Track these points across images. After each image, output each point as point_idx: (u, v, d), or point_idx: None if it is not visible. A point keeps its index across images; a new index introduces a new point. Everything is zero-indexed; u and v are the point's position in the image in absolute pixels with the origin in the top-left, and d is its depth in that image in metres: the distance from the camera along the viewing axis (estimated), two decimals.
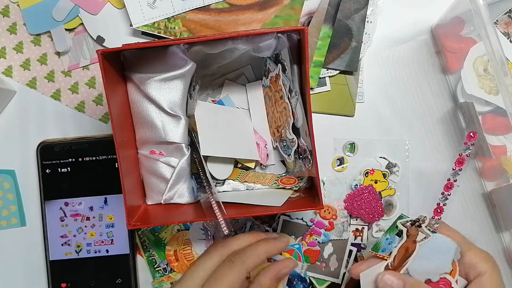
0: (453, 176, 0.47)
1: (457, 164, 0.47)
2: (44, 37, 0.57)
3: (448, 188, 0.48)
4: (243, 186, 0.53)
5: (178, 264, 0.57)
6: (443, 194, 0.47)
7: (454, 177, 0.47)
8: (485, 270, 0.44)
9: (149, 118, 0.49)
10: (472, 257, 0.45)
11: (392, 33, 0.57)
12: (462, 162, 0.47)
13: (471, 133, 0.46)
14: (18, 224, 0.58)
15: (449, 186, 0.48)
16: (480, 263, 0.45)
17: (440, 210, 0.46)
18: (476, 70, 0.54)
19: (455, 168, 0.47)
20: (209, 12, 0.55)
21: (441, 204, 0.47)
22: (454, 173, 0.47)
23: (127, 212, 0.45)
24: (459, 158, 0.47)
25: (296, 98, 0.49)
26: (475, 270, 0.45)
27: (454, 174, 0.47)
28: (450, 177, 0.47)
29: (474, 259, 0.45)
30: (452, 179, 0.47)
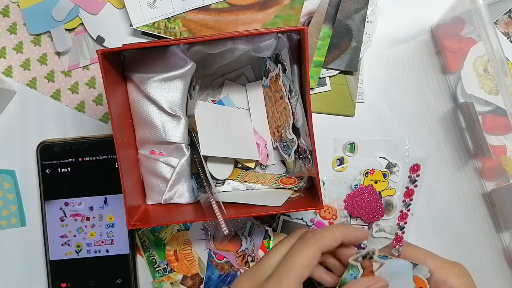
0: (405, 207, 0.49)
1: (406, 196, 0.48)
2: (44, 37, 0.57)
3: (402, 218, 0.49)
4: (243, 186, 0.53)
5: (178, 264, 0.57)
6: (398, 224, 0.49)
7: (407, 207, 0.49)
8: (457, 285, 0.44)
9: (149, 118, 0.49)
10: (443, 273, 0.45)
11: (392, 33, 0.57)
12: (411, 194, 0.48)
13: (415, 166, 0.47)
14: (18, 224, 0.58)
15: (403, 217, 0.49)
16: (450, 278, 0.44)
17: (400, 239, 0.47)
18: (476, 70, 0.54)
19: (405, 200, 0.48)
20: (209, 12, 0.55)
21: (400, 233, 0.48)
22: (406, 204, 0.49)
23: (127, 212, 0.45)
24: (407, 191, 0.48)
25: (296, 98, 0.49)
26: (446, 286, 0.44)
27: (406, 205, 0.49)
28: (403, 208, 0.49)
29: (445, 275, 0.44)
30: (404, 209, 0.49)
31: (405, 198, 0.48)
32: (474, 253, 0.57)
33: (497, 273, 0.57)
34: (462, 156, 0.57)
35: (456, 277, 0.44)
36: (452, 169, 0.57)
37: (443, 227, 0.57)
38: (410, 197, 0.48)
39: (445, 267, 0.45)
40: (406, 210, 0.49)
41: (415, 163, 0.47)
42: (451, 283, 0.44)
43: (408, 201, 0.48)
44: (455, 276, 0.45)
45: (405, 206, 0.48)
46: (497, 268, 0.57)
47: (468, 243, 0.57)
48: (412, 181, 0.48)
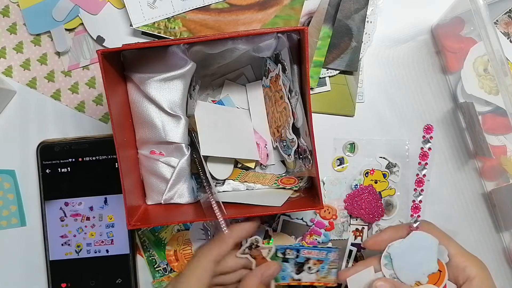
0: (421, 171, 0.46)
1: (421, 158, 0.46)
2: (44, 37, 0.57)
3: (419, 184, 0.47)
4: (243, 186, 0.53)
5: (178, 264, 0.57)
6: (415, 190, 0.47)
7: (422, 172, 0.46)
8: (475, 275, 0.44)
9: (149, 118, 0.49)
10: (461, 260, 0.45)
11: (392, 33, 0.57)
12: (425, 155, 0.46)
13: (426, 127, 0.45)
14: (18, 224, 0.58)
15: (419, 181, 0.47)
16: (469, 266, 0.44)
17: (417, 207, 0.46)
18: (476, 70, 0.54)
19: (420, 162, 0.46)
20: (209, 12, 0.55)
21: (417, 202, 0.46)
22: (421, 167, 0.46)
23: (127, 212, 0.45)
24: (422, 152, 0.46)
25: (296, 98, 0.49)
26: (464, 274, 0.44)
27: (421, 169, 0.46)
28: (418, 172, 0.46)
29: (463, 263, 0.44)
30: (420, 175, 0.46)
31: (420, 160, 0.46)
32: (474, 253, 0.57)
33: (497, 273, 0.57)
34: (462, 156, 0.57)
35: (475, 267, 0.44)
36: (452, 169, 0.57)
37: (443, 227, 0.57)
38: (425, 159, 0.45)
39: (464, 255, 0.45)
40: (422, 176, 0.46)
41: (427, 124, 0.45)
42: (469, 272, 0.44)
43: (423, 164, 0.46)
44: (474, 266, 0.44)
45: (420, 169, 0.46)
46: (497, 268, 0.57)
47: (468, 243, 0.57)
48: (426, 141, 0.45)
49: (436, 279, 0.45)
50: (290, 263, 0.52)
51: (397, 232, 0.47)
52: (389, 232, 0.47)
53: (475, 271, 0.44)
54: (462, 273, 0.44)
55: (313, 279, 0.53)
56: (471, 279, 0.44)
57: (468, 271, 0.44)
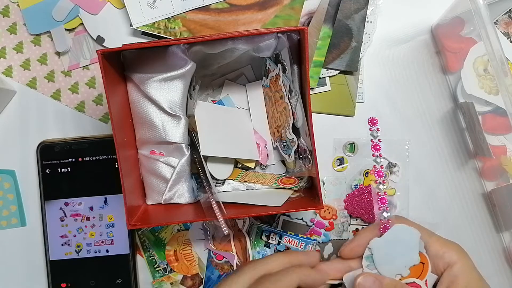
0: (376, 162, 0.47)
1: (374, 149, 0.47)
2: (44, 37, 0.57)
3: (379, 173, 0.47)
4: (243, 186, 0.53)
5: (178, 264, 0.57)
6: (373, 155, 0.47)
7: (379, 163, 0.47)
8: (455, 260, 0.43)
9: (149, 118, 0.49)
10: (438, 248, 0.44)
11: (392, 33, 0.57)
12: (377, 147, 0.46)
13: (370, 118, 0.45)
14: (18, 224, 0.58)
15: (376, 147, 0.47)
16: (448, 252, 0.43)
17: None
18: (476, 70, 0.54)
19: (375, 153, 0.46)
20: (209, 12, 0.55)
21: (381, 193, 0.46)
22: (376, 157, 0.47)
23: (127, 212, 0.45)
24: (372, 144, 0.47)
25: (296, 98, 0.49)
26: (444, 261, 0.43)
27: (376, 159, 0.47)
28: (376, 164, 0.47)
29: (441, 250, 0.44)
30: (378, 166, 0.47)
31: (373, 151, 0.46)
32: (474, 253, 0.57)
33: (497, 273, 0.57)
34: (462, 156, 0.57)
35: (454, 253, 0.43)
36: (452, 169, 0.57)
37: (443, 227, 0.57)
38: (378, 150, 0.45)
39: (441, 242, 0.45)
40: (379, 167, 0.47)
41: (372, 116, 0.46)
42: (448, 258, 0.43)
43: (377, 154, 0.46)
44: (453, 251, 0.44)
45: (375, 160, 0.46)
46: (497, 268, 0.57)
47: (468, 243, 0.57)
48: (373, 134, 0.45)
49: (419, 272, 0.45)
50: (271, 249, 0.54)
51: (372, 232, 0.47)
52: (363, 235, 0.47)
53: (455, 257, 0.43)
54: (442, 260, 0.43)
55: None
56: (452, 265, 0.43)
57: (448, 257, 0.43)
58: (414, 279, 0.45)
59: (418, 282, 0.45)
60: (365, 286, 0.43)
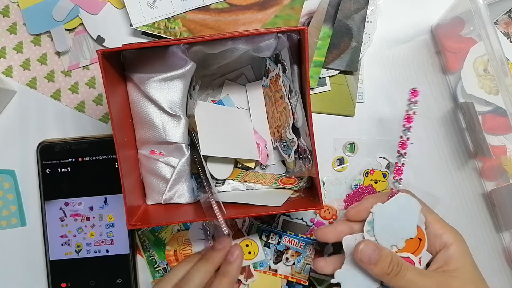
0: (405, 134, 0.46)
1: (406, 121, 0.46)
2: (44, 37, 0.57)
3: (403, 146, 0.47)
4: (243, 186, 0.53)
5: None
6: (398, 152, 0.47)
7: (406, 135, 0.46)
8: (452, 241, 0.44)
9: (149, 118, 0.49)
10: (438, 228, 0.45)
11: (392, 33, 0.57)
12: (410, 118, 0.46)
13: (412, 90, 0.44)
14: (18, 224, 0.58)
15: (403, 143, 0.47)
16: (446, 233, 0.45)
17: (399, 170, 0.46)
18: (476, 70, 0.54)
19: (405, 124, 0.46)
20: (209, 12, 0.55)
21: (400, 165, 0.46)
22: (405, 130, 0.46)
23: (127, 212, 0.45)
24: (407, 115, 0.46)
25: (296, 98, 0.49)
26: (441, 241, 0.44)
27: (405, 132, 0.46)
28: (402, 135, 0.46)
29: (440, 230, 0.45)
30: (404, 137, 0.46)
31: (405, 122, 0.45)
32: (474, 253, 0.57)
33: (497, 273, 0.57)
34: (462, 156, 0.57)
35: (452, 235, 0.45)
36: (452, 169, 0.57)
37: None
38: (411, 121, 0.45)
39: (441, 223, 0.46)
40: (406, 138, 0.46)
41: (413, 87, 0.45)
42: (446, 239, 0.45)
43: (407, 127, 0.45)
44: (451, 234, 0.45)
45: (405, 131, 0.46)
46: (497, 268, 0.57)
47: (468, 243, 0.57)
48: (411, 104, 0.45)
49: (415, 248, 0.45)
50: (271, 249, 0.55)
51: (379, 199, 0.47)
52: (371, 200, 0.47)
53: (452, 238, 0.45)
54: (439, 239, 0.45)
55: (287, 272, 0.55)
56: (448, 246, 0.44)
57: (445, 238, 0.45)
58: (409, 254, 0.45)
59: (412, 258, 0.45)
60: (366, 252, 0.44)
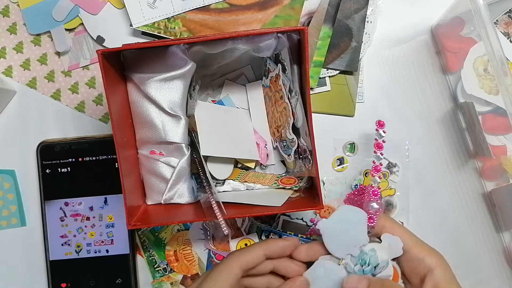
0: (377, 159, 0.46)
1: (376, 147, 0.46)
2: (44, 37, 0.57)
3: (376, 169, 0.47)
4: (243, 186, 0.53)
5: (178, 264, 0.57)
6: (375, 152, 0.47)
7: (379, 161, 0.46)
8: (435, 264, 0.43)
9: (149, 118, 0.49)
10: (418, 251, 0.44)
11: (392, 33, 0.57)
12: (380, 147, 0.46)
13: (378, 122, 0.45)
14: (18, 224, 0.58)
15: (379, 146, 0.47)
16: (427, 256, 0.43)
17: (379, 146, 0.46)
18: (476, 70, 0.54)
19: (376, 151, 0.46)
20: (209, 12, 0.55)
21: (377, 163, 0.46)
22: (377, 156, 0.46)
23: (127, 212, 0.45)
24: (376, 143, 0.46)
25: (296, 98, 0.49)
26: (424, 265, 0.43)
27: (377, 157, 0.46)
28: (375, 159, 0.46)
29: (421, 253, 0.44)
30: (377, 162, 0.46)
31: (375, 149, 0.45)
32: (474, 253, 0.57)
33: (497, 273, 0.57)
34: (462, 156, 0.57)
35: (434, 257, 0.44)
36: (452, 169, 0.57)
37: (443, 227, 0.57)
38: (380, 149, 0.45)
39: (421, 246, 0.45)
40: (378, 163, 0.46)
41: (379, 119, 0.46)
42: (429, 262, 0.43)
43: (379, 152, 0.45)
44: (432, 256, 0.44)
45: (376, 157, 0.46)
46: (497, 268, 0.57)
47: (468, 243, 0.57)
48: (379, 135, 0.45)
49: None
50: None
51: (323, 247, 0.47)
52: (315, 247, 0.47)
53: (434, 261, 0.43)
54: (422, 264, 0.44)
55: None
56: (432, 270, 0.43)
57: (428, 262, 0.43)
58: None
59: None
60: (353, 284, 0.43)
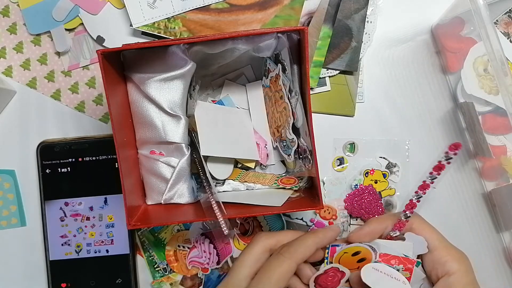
0: (430, 179, 0.45)
1: (435, 170, 0.45)
2: (44, 37, 0.57)
3: (422, 188, 0.46)
4: (243, 186, 0.53)
5: (177, 265, 0.57)
6: (417, 192, 0.46)
7: (431, 180, 0.45)
8: (455, 270, 0.43)
9: (149, 118, 0.49)
10: (443, 255, 0.44)
11: (392, 33, 0.57)
12: (441, 168, 0.45)
13: (453, 145, 0.43)
14: (18, 224, 0.58)
15: (424, 187, 0.46)
16: (450, 262, 0.43)
17: (412, 206, 0.46)
18: (476, 70, 0.54)
19: (433, 172, 0.45)
20: (209, 12, 0.55)
21: (414, 200, 0.46)
22: (432, 177, 0.45)
23: (127, 212, 0.45)
24: (438, 165, 0.45)
25: (296, 98, 0.49)
26: (443, 269, 0.43)
27: (432, 178, 0.45)
28: (427, 180, 0.46)
29: (445, 257, 0.44)
30: (428, 181, 0.45)
31: (433, 171, 0.44)
32: (474, 253, 0.57)
33: (497, 273, 0.57)
34: (462, 156, 0.57)
35: (456, 263, 0.43)
36: (452, 169, 0.57)
37: (443, 227, 0.57)
38: (439, 171, 0.43)
39: (447, 250, 0.44)
40: (430, 182, 0.45)
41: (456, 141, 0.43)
42: (449, 267, 0.43)
43: (435, 174, 0.44)
44: (455, 261, 0.44)
45: (430, 178, 0.44)
46: (497, 268, 0.57)
47: (468, 243, 0.57)
48: (447, 158, 0.43)
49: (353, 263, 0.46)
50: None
51: (381, 224, 0.47)
52: (373, 225, 0.47)
53: (455, 267, 0.43)
54: (442, 267, 0.44)
55: None
56: (450, 275, 0.43)
57: (448, 267, 0.43)
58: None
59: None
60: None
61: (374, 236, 0.47)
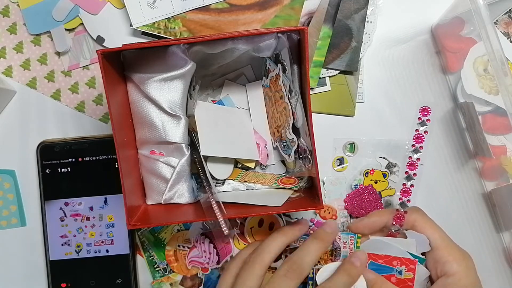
0: (413, 154, 0.43)
1: (415, 141, 0.43)
2: (44, 37, 0.57)
3: (411, 167, 0.44)
4: (243, 186, 0.53)
5: (177, 265, 0.57)
6: (407, 173, 0.45)
7: (415, 155, 0.43)
8: (454, 272, 0.43)
9: (149, 118, 0.49)
10: (444, 255, 0.44)
11: (392, 33, 0.57)
12: (420, 139, 0.43)
13: (422, 109, 0.42)
14: (18, 224, 0.58)
15: (411, 164, 0.44)
16: (450, 262, 0.43)
17: (407, 191, 0.45)
18: (476, 70, 0.54)
19: (415, 145, 0.43)
20: (209, 12, 0.55)
21: (408, 185, 0.44)
22: (415, 150, 0.43)
23: (127, 212, 0.45)
24: (416, 135, 0.43)
25: (296, 98, 0.49)
26: (443, 269, 0.43)
27: (415, 151, 0.43)
28: (411, 155, 0.43)
29: (445, 257, 0.43)
30: (413, 158, 0.43)
31: (414, 142, 0.42)
32: (474, 253, 0.57)
33: (497, 273, 0.57)
34: (462, 156, 0.57)
35: (456, 264, 0.43)
36: (452, 169, 0.57)
37: (443, 227, 0.57)
38: (420, 142, 0.42)
39: (449, 249, 0.44)
40: (415, 159, 0.43)
41: (424, 105, 0.42)
42: (448, 268, 0.43)
43: (418, 146, 0.42)
44: (455, 262, 0.43)
45: (413, 151, 0.43)
46: (497, 268, 0.57)
47: (468, 243, 0.57)
48: (422, 124, 0.42)
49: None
50: None
51: (381, 217, 0.47)
52: (374, 217, 0.47)
53: (455, 268, 0.43)
54: (442, 267, 0.44)
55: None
56: (448, 276, 0.43)
57: (448, 267, 0.43)
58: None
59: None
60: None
61: (374, 229, 0.47)
